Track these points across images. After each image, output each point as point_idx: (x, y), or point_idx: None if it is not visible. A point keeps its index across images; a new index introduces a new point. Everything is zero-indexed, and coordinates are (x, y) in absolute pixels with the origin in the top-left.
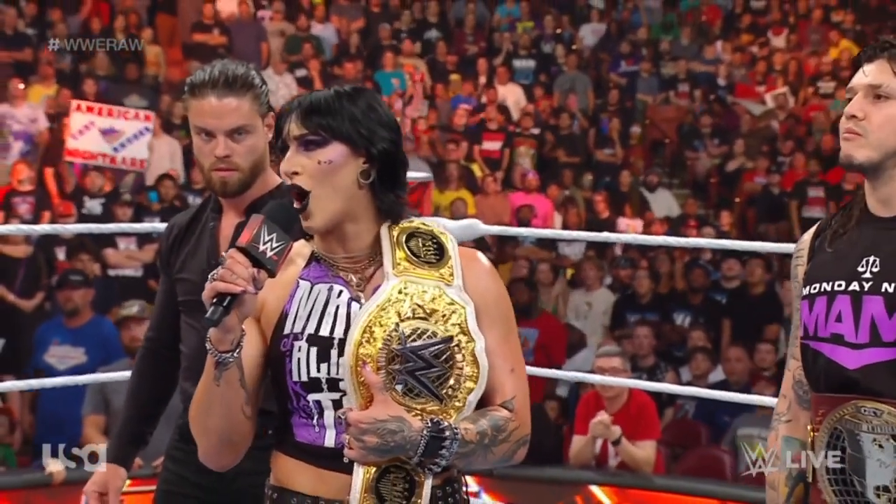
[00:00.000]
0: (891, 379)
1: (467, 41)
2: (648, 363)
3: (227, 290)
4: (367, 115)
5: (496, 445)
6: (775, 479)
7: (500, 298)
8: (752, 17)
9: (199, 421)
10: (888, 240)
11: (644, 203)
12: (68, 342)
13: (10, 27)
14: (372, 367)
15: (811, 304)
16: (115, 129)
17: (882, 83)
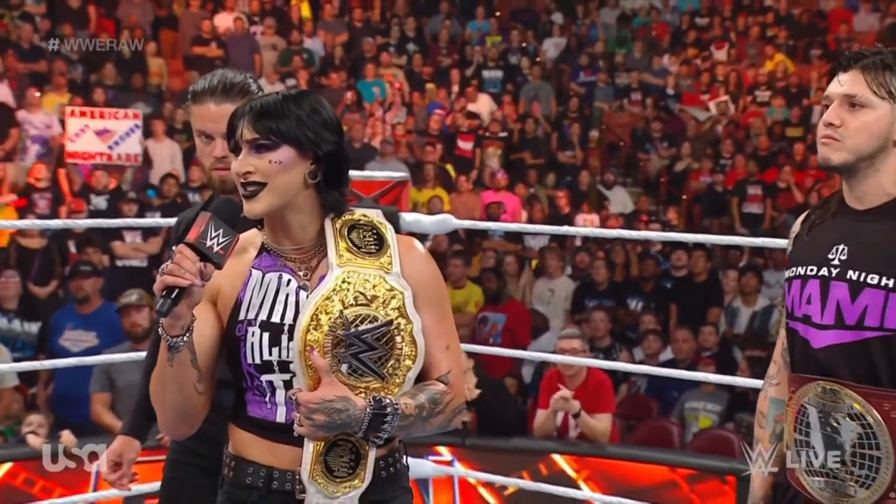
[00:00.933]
0: (848, 360)
1: (441, 54)
2: (605, 344)
3: (175, 283)
4: (311, 117)
5: (433, 416)
6: (762, 435)
7: (434, 282)
8: (697, 33)
9: (156, 397)
10: (859, 231)
11: (601, 200)
12: (80, 327)
13: (26, 41)
14: (319, 352)
15: (790, 285)
16: (108, 129)
17: (857, 93)
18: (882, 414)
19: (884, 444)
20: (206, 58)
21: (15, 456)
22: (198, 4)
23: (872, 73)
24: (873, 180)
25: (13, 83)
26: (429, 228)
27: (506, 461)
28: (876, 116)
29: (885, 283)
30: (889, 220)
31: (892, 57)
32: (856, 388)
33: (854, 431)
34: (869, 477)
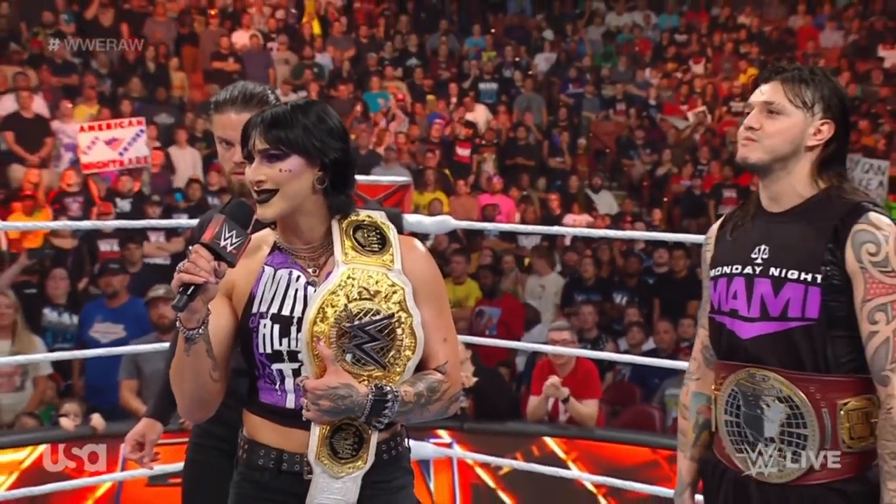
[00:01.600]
0: (775, 349)
1: (441, 68)
2: (592, 335)
3: (191, 280)
4: (318, 126)
5: (431, 403)
6: (686, 426)
7: (434, 279)
8: (676, 49)
9: (175, 385)
10: (776, 231)
11: (589, 202)
12: (109, 320)
13: (59, 57)
14: (325, 343)
15: (716, 284)
16: (116, 138)
17: (774, 101)
18: (808, 395)
19: (810, 422)
20: (225, 72)
21: (50, 438)
22: (217, 22)
23: (790, 85)
24: (786, 183)
25: (47, 95)
26: (429, 228)
27: (501, 443)
28: (790, 123)
29: (804, 278)
30: (802, 220)
31: (808, 73)
32: (783, 373)
33: (783, 412)
34: (796, 453)
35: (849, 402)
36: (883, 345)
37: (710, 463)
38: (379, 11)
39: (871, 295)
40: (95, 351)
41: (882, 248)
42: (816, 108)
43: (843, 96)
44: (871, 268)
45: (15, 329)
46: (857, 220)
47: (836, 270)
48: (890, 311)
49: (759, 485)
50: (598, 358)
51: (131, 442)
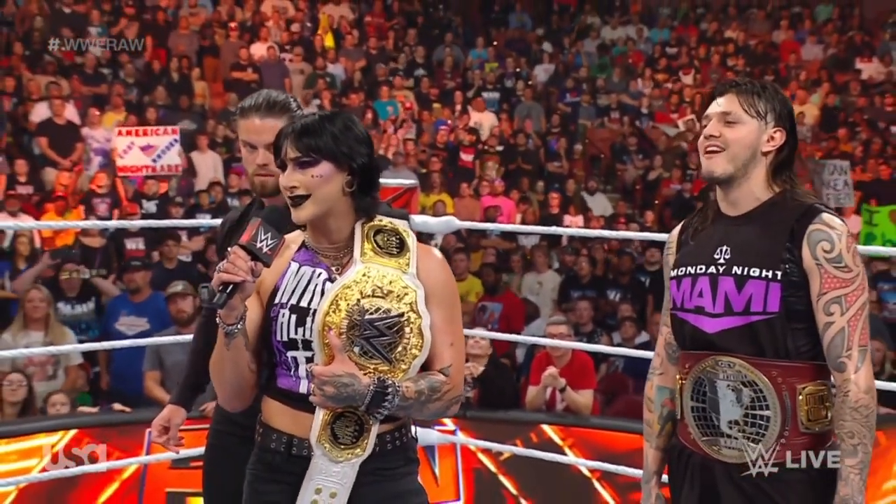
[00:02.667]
0: (740, 340)
1: (446, 77)
2: (588, 329)
3: (230, 279)
4: (345, 133)
5: (431, 402)
6: (651, 417)
7: (447, 286)
8: (667, 61)
9: (215, 376)
10: (736, 233)
11: (585, 204)
12: (133, 314)
13: (90, 67)
14: (335, 333)
15: (679, 283)
16: (152, 145)
17: (731, 111)
18: (771, 380)
19: (772, 404)
20: (243, 81)
21: (79, 424)
22: (236, 35)
23: (744, 96)
24: (745, 188)
25: (78, 104)
26: (434, 228)
27: (502, 431)
28: (747, 130)
29: (765, 275)
30: (760, 222)
31: (759, 86)
32: (748, 359)
33: (748, 396)
34: (759, 433)
35: (806, 386)
36: (839, 334)
37: (676, 449)
38: (388, 25)
39: (827, 289)
40: (122, 342)
41: (836, 245)
42: (769, 117)
43: (790, 108)
44: (826, 264)
45: (48, 321)
46: (811, 220)
47: (794, 267)
48: (844, 304)
49: (724, 466)
50: (592, 350)
51: (158, 427)
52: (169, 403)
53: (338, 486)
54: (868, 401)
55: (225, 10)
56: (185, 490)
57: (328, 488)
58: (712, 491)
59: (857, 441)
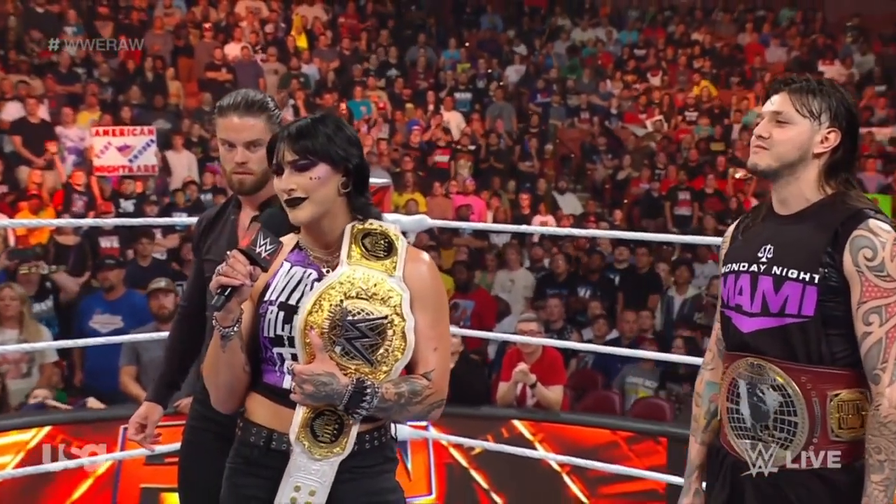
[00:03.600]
0: (772, 342)
1: (419, 78)
2: (558, 326)
3: (229, 283)
4: (338, 135)
5: (411, 405)
6: (698, 412)
7: (434, 291)
8: (636, 62)
9: (210, 378)
10: (782, 233)
11: (555, 203)
12: (108, 311)
13: (64, 67)
14: (316, 332)
15: (725, 279)
16: (128, 145)
17: (783, 111)
18: (799, 386)
19: (800, 411)
20: (218, 81)
21: (53, 420)
22: (210, 36)
23: (797, 95)
24: (795, 188)
25: (52, 103)
26: (407, 226)
27: (473, 426)
28: (798, 131)
29: (802, 277)
30: (807, 222)
31: (816, 84)
32: (778, 363)
33: (777, 400)
34: (788, 439)
35: (840, 393)
36: (875, 345)
37: (714, 448)
38: (362, 26)
39: (867, 298)
40: (98, 339)
41: (878, 253)
42: (823, 117)
43: (850, 106)
44: (867, 272)
45: (22, 319)
46: (857, 225)
47: (834, 272)
48: (884, 314)
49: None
50: (562, 347)
51: (134, 424)
52: (145, 401)
53: (317, 483)
54: None
55: (199, 11)
56: (159, 486)
57: (307, 486)
58: (740, 492)
59: (885, 457)
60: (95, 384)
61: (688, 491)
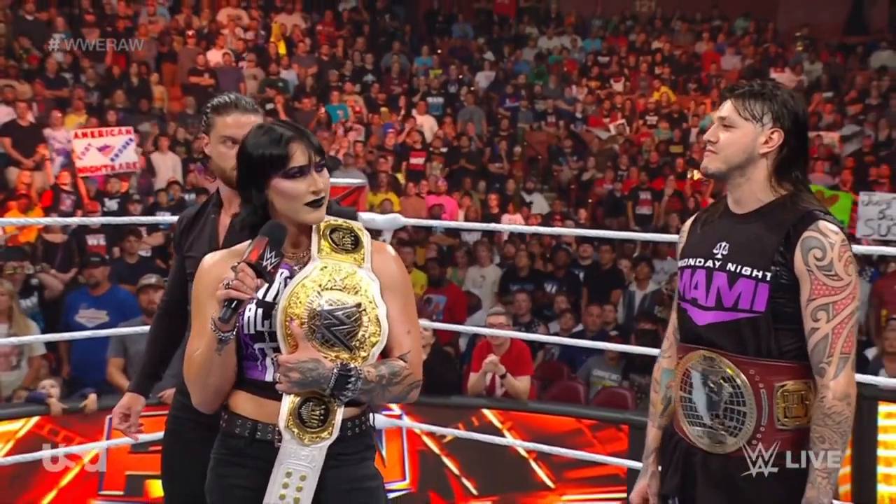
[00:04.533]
0: (725, 335)
1: (394, 83)
2: (526, 320)
3: (239, 297)
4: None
5: (392, 386)
6: (655, 398)
7: (401, 279)
8: (599, 69)
9: (199, 380)
10: (737, 231)
11: (523, 203)
12: (93, 306)
13: (52, 72)
14: (297, 323)
15: (682, 273)
16: (108, 145)
17: (727, 115)
18: (748, 378)
19: (749, 401)
20: (200, 86)
21: (42, 411)
22: (194, 42)
23: (740, 101)
24: (747, 188)
25: (41, 106)
26: (381, 225)
27: (445, 415)
28: (742, 133)
29: (755, 274)
30: (759, 222)
31: (759, 88)
32: (729, 356)
33: (727, 391)
34: (737, 427)
35: (786, 384)
36: (822, 340)
37: (668, 433)
38: (339, 34)
39: (816, 295)
40: (85, 333)
41: (828, 253)
42: (765, 118)
43: (794, 107)
44: (816, 271)
45: (11, 314)
46: (807, 226)
47: (785, 271)
48: (831, 311)
49: (705, 455)
50: (530, 339)
51: (118, 414)
52: (128, 391)
53: (307, 469)
54: (842, 408)
55: (182, 19)
56: (143, 473)
57: (298, 471)
58: (692, 476)
59: (828, 446)
60: (82, 376)
61: (645, 472)
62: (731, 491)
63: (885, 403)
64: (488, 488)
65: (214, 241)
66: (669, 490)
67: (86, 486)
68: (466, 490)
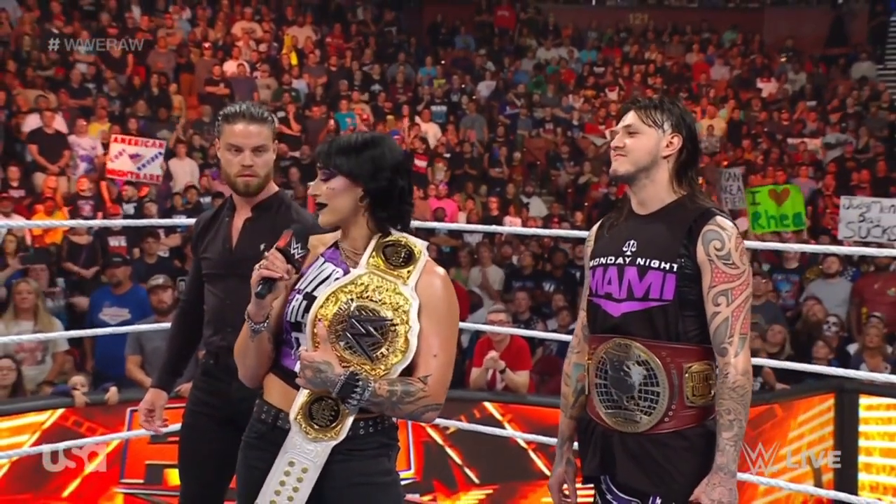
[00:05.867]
0: (638, 323)
1: (399, 92)
2: (525, 317)
3: (270, 275)
4: (364, 154)
5: (403, 405)
6: (567, 391)
7: (444, 303)
8: (595, 79)
9: (239, 361)
10: (643, 229)
11: (523, 206)
12: (116, 305)
13: (76, 82)
14: (324, 324)
15: (594, 272)
16: (139, 154)
17: (632, 123)
18: (661, 360)
19: (662, 381)
20: (216, 95)
21: (66, 403)
22: (210, 54)
23: (643, 111)
24: (651, 190)
25: (66, 115)
26: None
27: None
28: (647, 138)
29: (663, 267)
30: (664, 220)
31: (657, 101)
32: (642, 341)
33: (641, 374)
34: (651, 407)
35: (692, 365)
36: (723, 323)
37: (584, 420)
38: (347, 45)
39: (716, 282)
40: (105, 329)
41: (726, 244)
42: (666, 125)
43: (689, 117)
44: (717, 260)
45: (36, 311)
46: (707, 221)
47: (689, 262)
48: (730, 296)
49: (621, 435)
50: (529, 336)
51: (144, 411)
52: (150, 387)
53: (310, 463)
54: (744, 382)
55: (199, 32)
56: (163, 462)
57: (301, 463)
58: (610, 456)
59: (734, 417)
60: (105, 371)
61: (560, 460)
62: (648, 464)
63: (866, 396)
64: (489, 477)
65: (228, 244)
66: (591, 471)
67: (108, 475)
68: (468, 479)
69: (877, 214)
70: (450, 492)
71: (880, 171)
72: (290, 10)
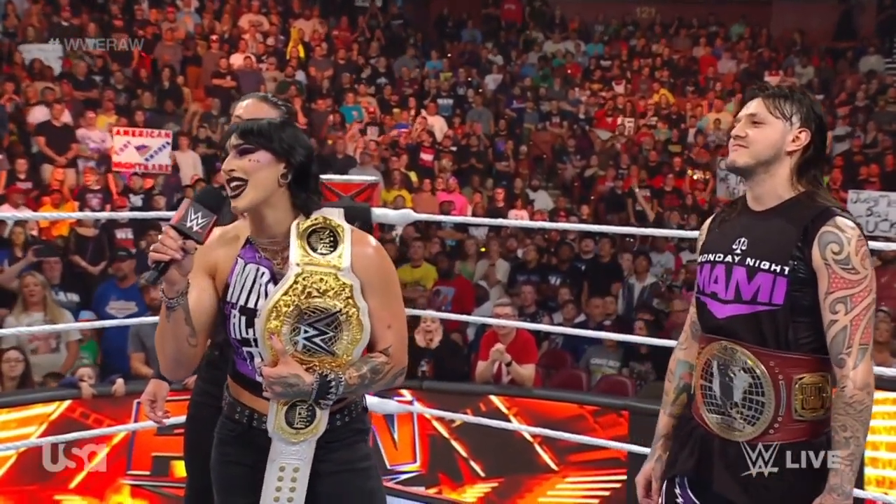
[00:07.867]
0: (744, 327)
1: (405, 85)
2: (531, 311)
3: (159, 258)
4: (284, 131)
5: (375, 383)
6: (669, 387)
7: (380, 273)
8: (602, 72)
9: (158, 347)
10: (756, 227)
11: (529, 199)
12: (122, 298)
13: (82, 75)
14: (277, 338)
15: (701, 268)
16: (146, 146)
17: (758, 112)
18: (768, 369)
19: (767, 391)
20: (223, 88)
21: (74, 395)
22: (217, 46)
23: (771, 100)
24: (769, 185)
25: (70, 107)
26: (393, 220)
27: (453, 401)
28: (772, 130)
29: (773, 269)
30: (779, 218)
31: (787, 90)
32: (749, 347)
33: (746, 381)
34: (754, 417)
35: (804, 377)
36: (841, 332)
37: (686, 418)
38: (354, 39)
39: (834, 288)
40: (108, 322)
41: (845, 248)
42: (794, 118)
43: (819, 110)
44: (834, 265)
45: (45, 303)
46: (825, 222)
47: (803, 265)
48: (849, 303)
49: (721, 441)
50: (535, 329)
51: (146, 401)
52: (152, 378)
53: (299, 461)
54: (863, 397)
55: (206, 24)
56: (169, 454)
57: (291, 465)
58: (708, 460)
59: (850, 434)
60: (113, 363)
61: (652, 456)
62: (747, 477)
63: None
64: (495, 470)
65: None
66: (684, 470)
67: (115, 467)
68: (474, 472)
69: (884, 208)
70: (455, 485)
71: (888, 165)
72: (296, 2)
